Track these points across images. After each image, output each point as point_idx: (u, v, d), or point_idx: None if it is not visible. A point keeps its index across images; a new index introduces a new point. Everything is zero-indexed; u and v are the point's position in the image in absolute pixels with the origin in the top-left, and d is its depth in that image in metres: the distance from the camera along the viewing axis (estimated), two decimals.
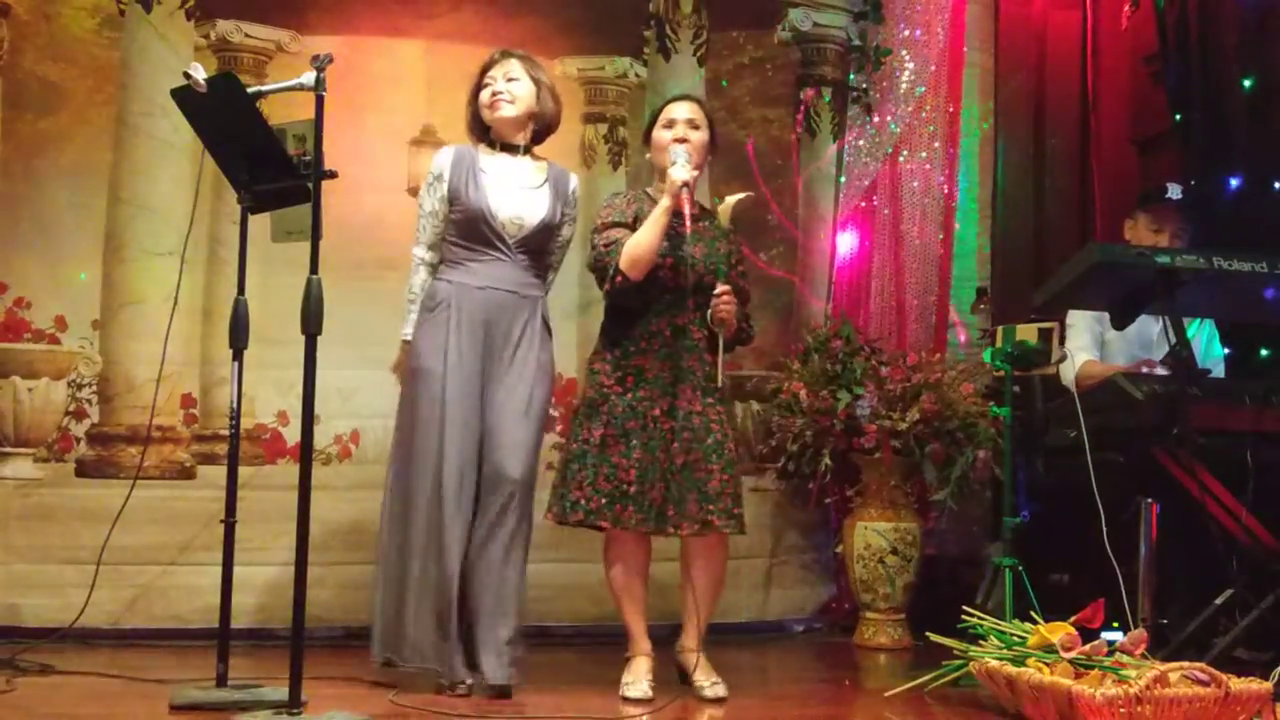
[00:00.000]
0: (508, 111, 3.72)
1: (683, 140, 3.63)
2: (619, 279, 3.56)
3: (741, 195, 3.85)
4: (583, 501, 3.55)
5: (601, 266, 3.63)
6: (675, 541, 3.70)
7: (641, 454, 3.54)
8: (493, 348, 3.62)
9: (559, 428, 4.55)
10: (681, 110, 3.70)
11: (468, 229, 3.67)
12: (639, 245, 3.54)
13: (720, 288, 3.57)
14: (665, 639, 3.76)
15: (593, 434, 3.58)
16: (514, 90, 3.73)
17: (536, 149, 3.82)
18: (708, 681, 3.56)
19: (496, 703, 3.45)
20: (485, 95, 3.74)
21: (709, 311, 3.57)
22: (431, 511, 3.53)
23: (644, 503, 3.52)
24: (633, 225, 3.63)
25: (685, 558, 3.66)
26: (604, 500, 3.53)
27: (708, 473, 3.55)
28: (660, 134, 3.70)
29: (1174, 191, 4.67)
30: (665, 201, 3.55)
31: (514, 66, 3.76)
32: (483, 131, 3.79)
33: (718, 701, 3.51)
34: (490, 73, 3.75)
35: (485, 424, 3.60)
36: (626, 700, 3.50)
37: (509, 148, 3.77)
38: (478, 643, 3.52)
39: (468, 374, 3.59)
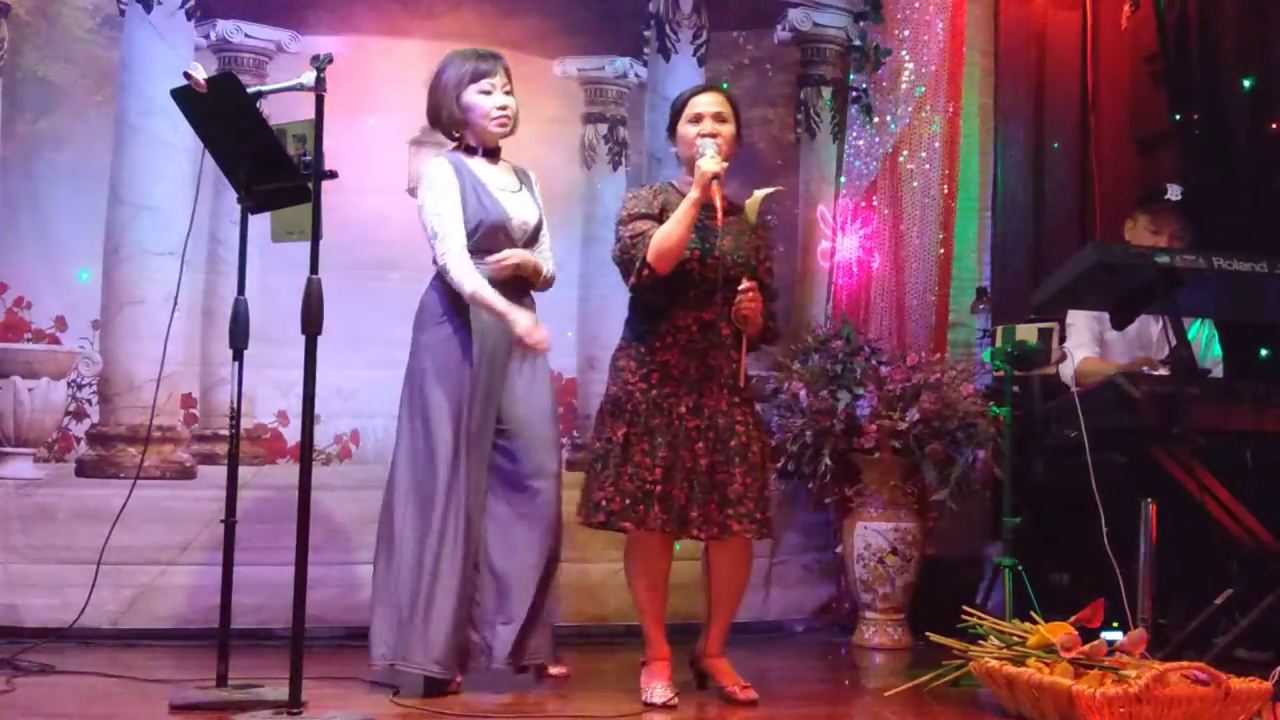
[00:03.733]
0: (505, 131, 3.72)
1: (711, 134, 3.54)
2: (646, 272, 3.45)
3: (771, 189, 3.76)
4: (604, 503, 3.45)
5: (628, 259, 3.50)
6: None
7: (666, 453, 3.44)
8: (508, 349, 3.62)
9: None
10: (708, 103, 3.60)
11: (483, 237, 3.63)
12: (668, 238, 3.44)
13: (745, 284, 3.47)
14: (676, 638, 3.75)
15: (616, 433, 3.48)
16: (512, 106, 3.71)
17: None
18: (737, 685, 3.52)
19: (500, 699, 3.45)
20: (488, 106, 3.67)
21: (733, 308, 3.49)
22: (447, 512, 3.53)
23: (668, 503, 3.42)
24: (658, 217, 3.53)
25: (708, 561, 3.61)
26: (627, 501, 3.43)
27: (729, 476, 3.46)
28: (686, 128, 3.59)
29: (1173, 193, 4.68)
30: (694, 193, 3.43)
31: (506, 77, 3.72)
32: (456, 130, 3.73)
33: (750, 705, 3.46)
34: (490, 80, 3.68)
35: (510, 426, 3.61)
36: (650, 706, 3.43)
37: (490, 153, 3.75)
38: (500, 629, 3.56)
39: (486, 377, 3.60)
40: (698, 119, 3.57)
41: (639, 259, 3.46)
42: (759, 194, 3.68)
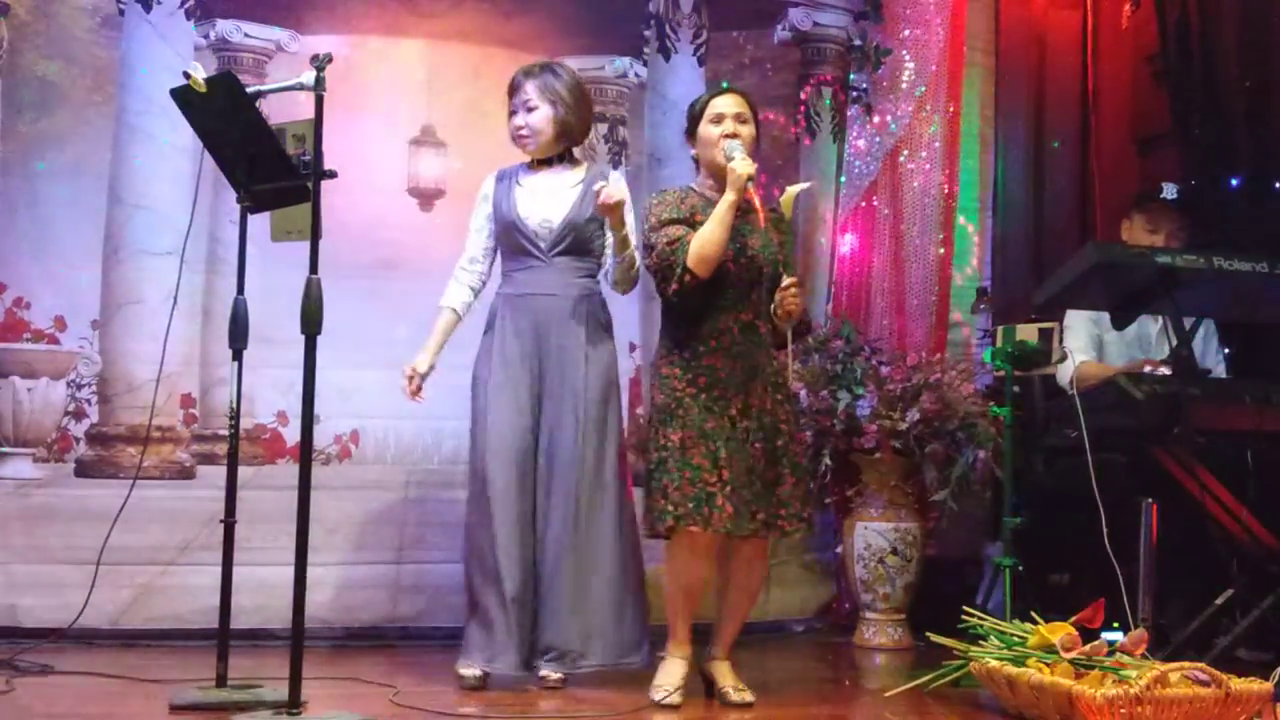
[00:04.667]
0: (530, 147, 3.81)
1: (733, 135, 3.53)
2: (688, 278, 3.42)
3: (804, 185, 3.81)
4: (670, 509, 3.41)
5: (667, 265, 3.47)
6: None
7: (728, 454, 3.43)
8: (544, 351, 3.70)
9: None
10: (729, 104, 3.59)
11: (506, 241, 3.80)
12: (708, 242, 3.42)
13: (787, 280, 3.46)
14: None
15: (670, 439, 3.46)
16: (532, 123, 3.77)
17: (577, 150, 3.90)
18: (732, 687, 3.51)
19: (506, 696, 3.48)
20: (511, 127, 3.82)
21: (774, 305, 3.49)
22: (499, 517, 3.63)
23: (734, 503, 3.41)
24: (689, 221, 3.51)
25: (728, 562, 3.58)
26: (690, 505, 3.39)
27: (779, 475, 3.50)
28: (708, 129, 3.57)
29: (1169, 191, 4.68)
30: (730, 196, 3.43)
31: (531, 93, 3.77)
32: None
33: (744, 706, 3.46)
34: (514, 99, 3.81)
35: (545, 425, 3.68)
36: (654, 704, 3.43)
37: (544, 163, 3.84)
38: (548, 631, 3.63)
39: (516, 380, 3.68)
40: (719, 119, 3.57)
41: (679, 264, 3.44)
42: (792, 190, 3.73)
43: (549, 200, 3.78)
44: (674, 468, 3.44)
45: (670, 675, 3.50)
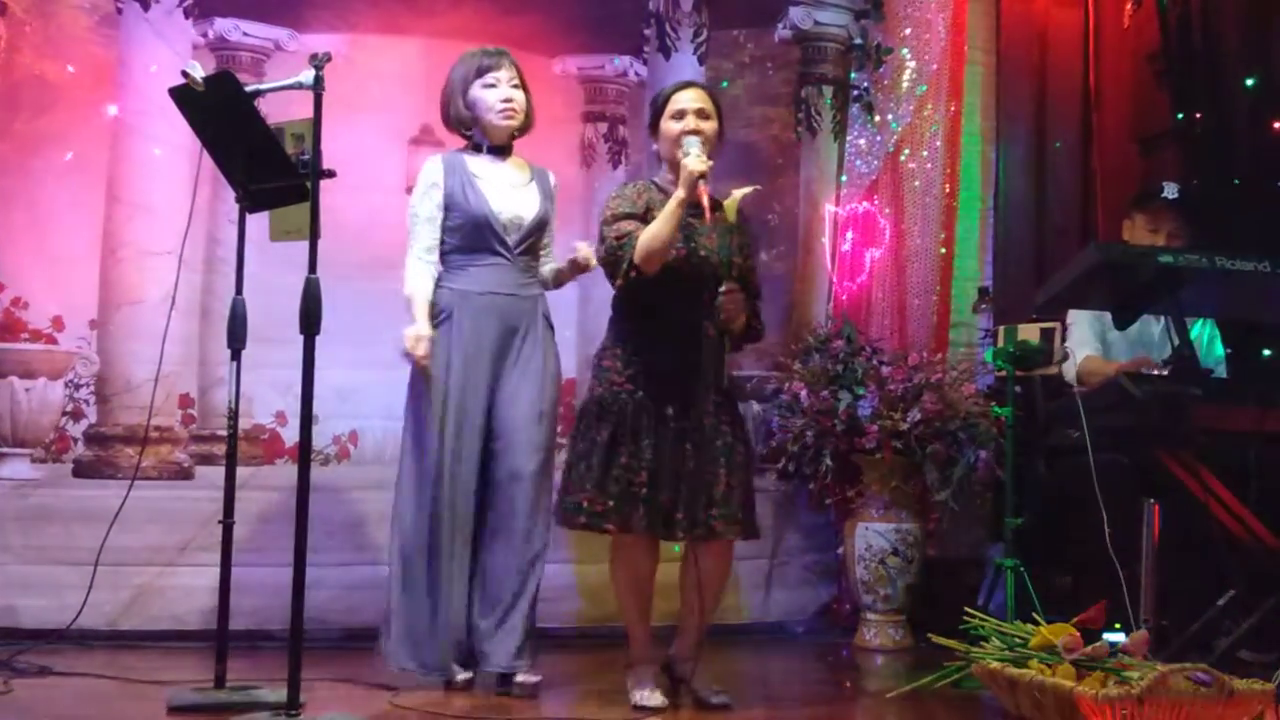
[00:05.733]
0: (514, 122, 3.73)
1: (695, 131, 3.48)
2: (633, 273, 3.42)
3: (747, 189, 3.69)
4: (586, 504, 3.41)
5: (614, 260, 3.45)
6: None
7: (653, 455, 3.41)
8: (501, 351, 3.65)
9: (559, 427, 4.52)
10: (691, 99, 3.54)
11: (469, 234, 3.67)
12: (654, 238, 3.38)
13: (725, 285, 3.41)
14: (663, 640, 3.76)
15: (600, 434, 3.44)
16: (518, 100, 3.73)
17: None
18: (709, 691, 3.50)
19: (499, 700, 3.45)
20: (493, 99, 3.70)
21: (716, 309, 3.45)
22: (445, 514, 3.57)
23: (654, 506, 3.40)
24: (643, 216, 3.48)
25: (686, 563, 3.56)
26: (611, 503, 3.39)
27: (714, 477, 3.44)
28: (669, 124, 3.53)
29: (1170, 191, 4.67)
30: (680, 193, 3.36)
31: (513, 71, 3.74)
32: (466, 128, 3.77)
33: (724, 708, 3.45)
34: (495, 74, 3.70)
35: (496, 427, 3.62)
36: (641, 709, 3.41)
37: (497, 150, 3.77)
38: (485, 634, 3.57)
39: (472, 380, 3.62)
40: (680, 115, 3.52)
41: (625, 260, 3.42)
42: (737, 194, 3.59)
43: (515, 196, 3.72)
44: (598, 465, 3.41)
45: (642, 680, 3.49)
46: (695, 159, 3.39)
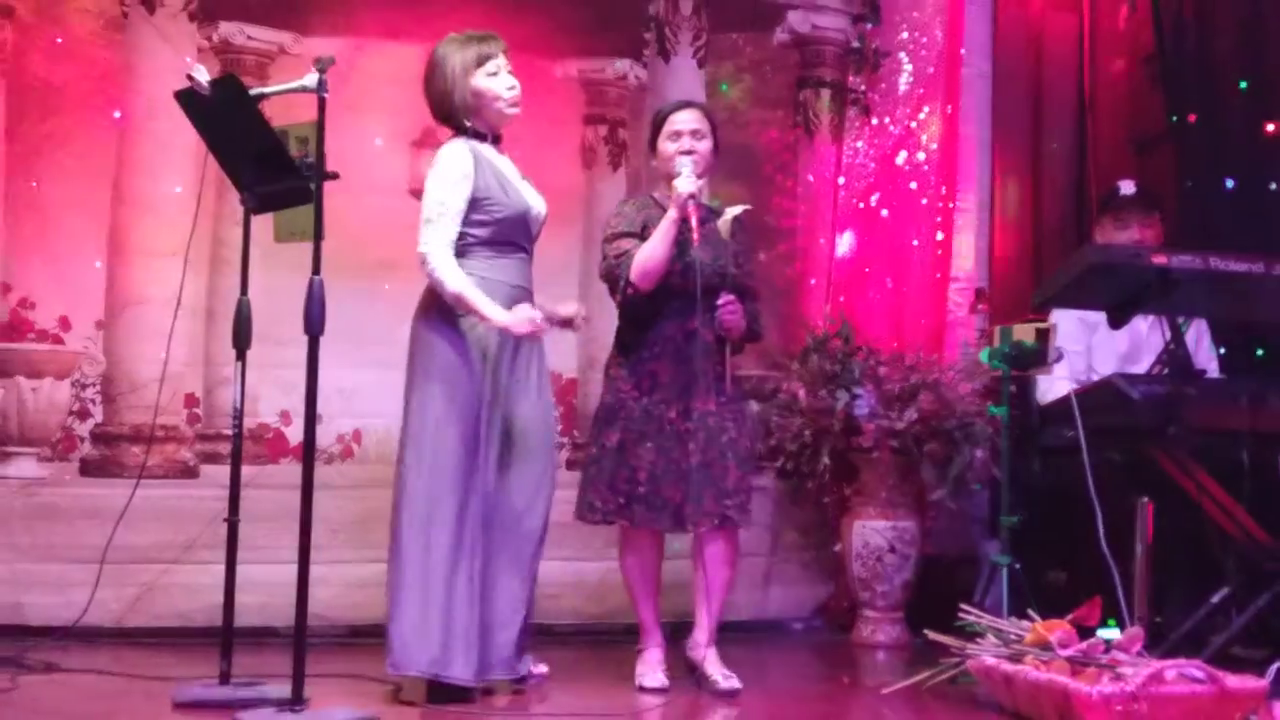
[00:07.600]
0: (514, 113, 3.63)
1: (689, 152, 3.68)
2: (630, 290, 3.65)
3: (740, 209, 3.88)
4: (599, 504, 3.68)
5: (613, 277, 3.71)
6: (685, 538, 3.78)
7: (655, 456, 3.64)
8: (517, 347, 3.54)
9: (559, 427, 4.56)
10: (687, 120, 3.75)
11: (506, 228, 3.53)
12: (649, 258, 3.62)
13: (724, 297, 3.64)
14: (671, 636, 3.82)
15: (610, 439, 3.68)
16: (519, 91, 3.65)
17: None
18: (720, 675, 3.62)
19: (504, 699, 3.49)
20: (500, 88, 3.56)
21: (715, 317, 3.65)
22: (458, 512, 3.45)
23: (656, 503, 3.63)
24: (641, 234, 3.70)
25: (698, 555, 3.70)
26: (620, 501, 3.65)
27: (724, 470, 3.66)
28: (665, 144, 3.75)
29: (1127, 188, 4.72)
30: (672, 213, 3.61)
31: (506, 58, 3.62)
32: (467, 118, 3.58)
33: (731, 694, 3.56)
34: (495, 61, 3.57)
35: (512, 425, 3.53)
36: (644, 690, 3.60)
37: (497, 140, 3.66)
38: (498, 640, 3.52)
39: (492, 375, 3.51)
40: (676, 136, 3.73)
41: (623, 277, 3.65)
42: (729, 214, 3.82)
43: (527, 190, 3.64)
44: (608, 467, 3.67)
45: (648, 663, 3.70)
46: (685, 179, 3.62)
